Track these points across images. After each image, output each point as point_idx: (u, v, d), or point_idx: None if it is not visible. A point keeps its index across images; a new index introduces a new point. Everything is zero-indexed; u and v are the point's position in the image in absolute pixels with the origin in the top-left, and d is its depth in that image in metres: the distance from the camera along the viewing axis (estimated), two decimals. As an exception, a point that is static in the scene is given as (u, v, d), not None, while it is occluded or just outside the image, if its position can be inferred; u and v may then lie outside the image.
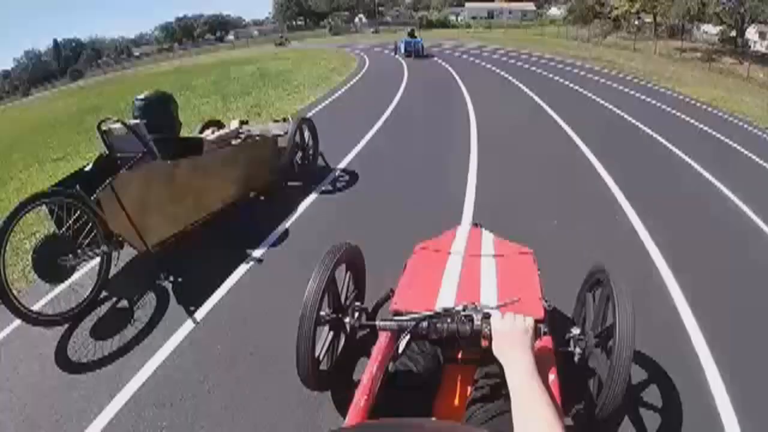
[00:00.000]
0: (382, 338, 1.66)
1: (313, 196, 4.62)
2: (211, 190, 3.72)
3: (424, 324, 1.36)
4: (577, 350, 1.91)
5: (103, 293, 3.06)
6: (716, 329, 2.74)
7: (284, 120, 5.35)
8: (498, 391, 1.37)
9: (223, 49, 55.66)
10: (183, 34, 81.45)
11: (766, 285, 3.26)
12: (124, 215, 2.93)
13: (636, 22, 34.68)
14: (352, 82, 12.94)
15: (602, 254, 2.94)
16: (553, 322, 2.15)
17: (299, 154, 4.98)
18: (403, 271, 2.11)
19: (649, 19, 34.57)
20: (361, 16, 73.57)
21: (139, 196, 3.02)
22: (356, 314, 2.08)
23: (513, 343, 1.10)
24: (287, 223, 4.01)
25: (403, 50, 22.98)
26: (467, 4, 60.77)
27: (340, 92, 11.27)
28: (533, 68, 16.43)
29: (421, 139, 6.79)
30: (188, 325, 2.74)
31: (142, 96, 3.25)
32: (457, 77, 13.60)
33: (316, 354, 2.04)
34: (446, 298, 1.84)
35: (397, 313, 1.71)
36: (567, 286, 2.42)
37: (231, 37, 77.89)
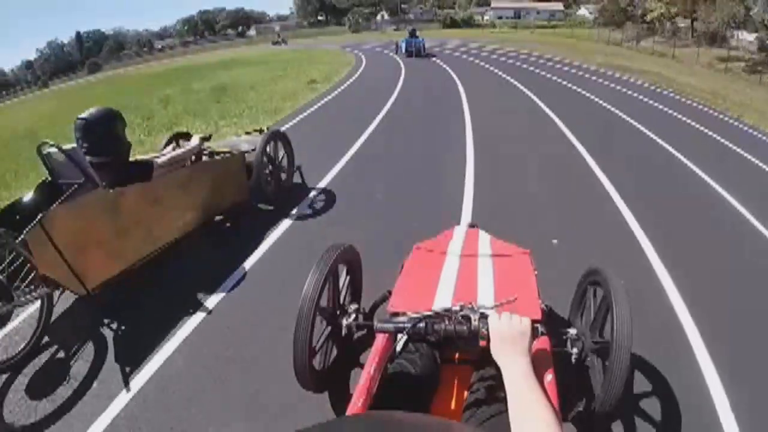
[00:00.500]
0: (380, 339, 1.66)
1: (285, 224, 4.18)
2: (165, 220, 3.33)
3: (422, 325, 1.37)
4: (575, 351, 1.95)
5: (45, 338, 2.70)
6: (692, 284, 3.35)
7: (260, 132, 4.92)
8: (495, 392, 1.38)
9: (241, 44, 56.45)
10: (205, 27, 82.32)
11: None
12: (58, 256, 2.57)
13: (669, 26, 33.37)
14: (325, 100, 10.57)
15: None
16: (551, 321, 2.20)
17: (272, 172, 4.54)
18: (400, 272, 2.12)
19: (683, 23, 33.26)
20: (383, 13, 73.27)
21: (75, 232, 2.66)
22: (353, 315, 2.10)
23: (510, 344, 1.10)
24: (252, 260, 3.57)
25: (404, 50, 22.89)
26: (493, 3, 59.76)
27: (295, 120, 8.61)
28: (575, 87, 12.89)
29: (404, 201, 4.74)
30: (122, 399, 2.33)
31: (84, 114, 2.86)
32: (463, 96, 10.79)
33: (314, 356, 2.06)
34: (443, 298, 1.84)
35: (394, 314, 1.71)
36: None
37: (252, 32, 78.41)
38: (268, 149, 4.37)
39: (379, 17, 72.25)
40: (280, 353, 2.29)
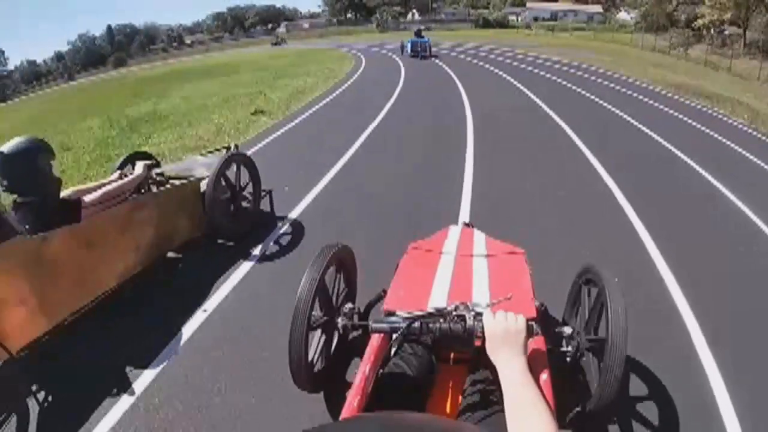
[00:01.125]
0: (375, 339, 1.69)
1: (245, 268, 3.55)
2: (101, 266, 2.93)
3: (417, 324, 1.38)
4: (570, 349, 1.98)
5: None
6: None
7: (227, 149, 4.41)
8: (491, 391, 1.42)
9: (264, 42, 56.94)
10: (234, 23, 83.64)
11: None
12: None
13: (717, 34, 31.56)
14: (259, 147, 7.20)
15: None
16: (546, 320, 2.18)
17: (232, 201, 4.02)
18: (395, 272, 2.15)
19: (730, 30, 31.57)
20: (414, 12, 72.86)
21: (-11, 289, 2.29)
22: (348, 315, 2.15)
23: (506, 343, 1.12)
24: (198, 319, 2.99)
25: (409, 50, 22.41)
26: (529, 4, 58.58)
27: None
28: (651, 131, 8.20)
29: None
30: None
31: (3, 147, 2.48)
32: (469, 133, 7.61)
33: (309, 356, 2.06)
34: (438, 298, 1.88)
35: (389, 314, 1.73)
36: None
37: (282, 29, 79.26)
38: (227, 174, 3.87)
39: (409, 16, 71.91)
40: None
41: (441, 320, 1.36)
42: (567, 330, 2.02)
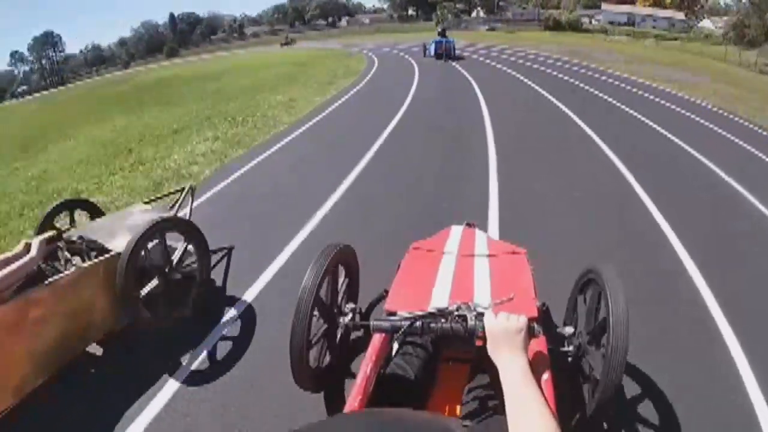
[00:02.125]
0: (377, 339, 1.76)
1: (171, 388, 2.65)
2: None
3: (418, 324, 1.44)
4: (571, 349, 2.07)
5: None
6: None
7: (181, 191, 3.73)
8: (492, 390, 1.49)
9: (318, 37, 57.95)
10: (295, 16, 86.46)
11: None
12: None
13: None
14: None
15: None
16: (548, 320, 2.30)
17: (163, 283, 3.03)
18: (397, 271, 2.24)
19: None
20: (478, 9, 73.52)
21: None
22: (350, 315, 2.24)
23: (507, 343, 1.16)
24: None
25: (433, 52, 22.17)
26: (604, 6, 58.17)
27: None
28: None
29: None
30: None
31: None
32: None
33: (311, 356, 2.13)
34: (440, 298, 1.95)
35: (391, 314, 1.79)
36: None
37: (344, 23, 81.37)
38: (151, 247, 2.98)
39: (474, 14, 72.55)
40: None
41: (442, 320, 1.41)
42: (568, 330, 2.10)
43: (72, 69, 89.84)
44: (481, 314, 1.35)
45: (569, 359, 2.09)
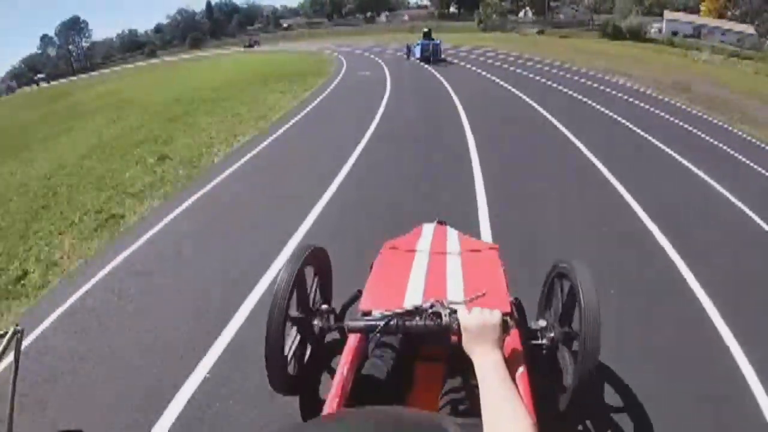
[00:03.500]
0: (352, 339, 1.79)
1: None
2: None
3: (393, 323, 1.43)
4: (545, 342, 2.14)
5: None
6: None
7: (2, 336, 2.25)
8: (469, 386, 1.49)
9: (342, 35, 56.33)
10: (332, 9, 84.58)
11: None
12: None
13: None
14: None
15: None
16: (521, 314, 2.28)
17: None
18: (370, 271, 2.22)
19: None
20: (527, 10, 70.35)
21: None
22: (324, 316, 2.26)
23: (481, 338, 1.17)
24: None
25: (417, 54, 20.70)
26: (667, 13, 54.26)
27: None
28: None
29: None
30: None
31: None
32: None
33: (286, 358, 2.14)
34: (414, 296, 1.94)
35: (365, 314, 1.78)
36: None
37: (383, 18, 79.35)
38: None
39: (521, 14, 69.55)
40: None
41: (417, 318, 1.42)
42: (542, 323, 2.17)
43: (107, 54, 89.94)
44: (455, 311, 1.38)
45: (544, 351, 2.15)
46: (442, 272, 2.16)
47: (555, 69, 19.78)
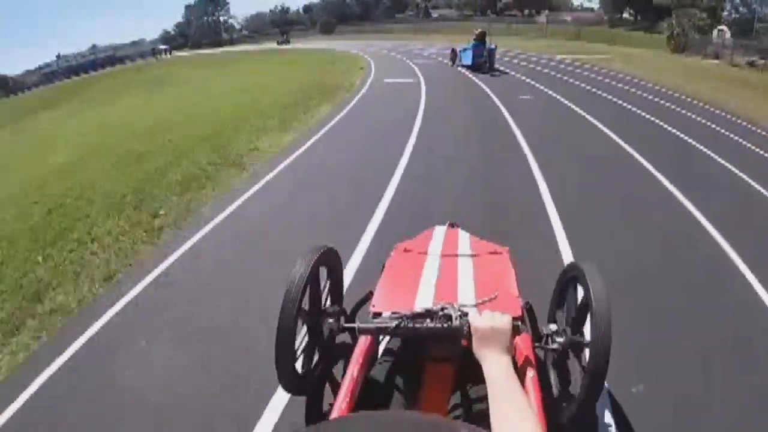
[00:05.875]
0: (362, 341, 1.83)
1: None
2: None
3: (404, 325, 1.48)
4: (556, 346, 2.09)
5: None
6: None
7: None
8: (478, 390, 1.51)
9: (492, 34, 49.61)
10: (487, 3, 79.32)
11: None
12: None
13: None
14: None
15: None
16: (532, 318, 2.23)
17: None
18: (381, 273, 2.34)
19: None
20: (722, 28, 59.45)
21: None
22: (335, 317, 2.26)
23: (491, 341, 1.21)
24: None
25: (466, 60, 17.43)
26: None
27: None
28: None
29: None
30: None
31: None
32: None
33: (296, 359, 2.20)
34: (424, 298, 2.03)
35: (376, 315, 1.87)
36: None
37: (543, 18, 72.89)
38: None
39: (714, 33, 59.06)
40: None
41: (427, 320, 1.49)
42: (552, 327, 2.12)
43: (256, 28, 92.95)
44: (466, 314, 1.40)
45: (554, 357, 2.17)
46: (453, 275, 2.23)
47: None
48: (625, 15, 70.25)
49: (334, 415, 1.44)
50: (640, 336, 3.86)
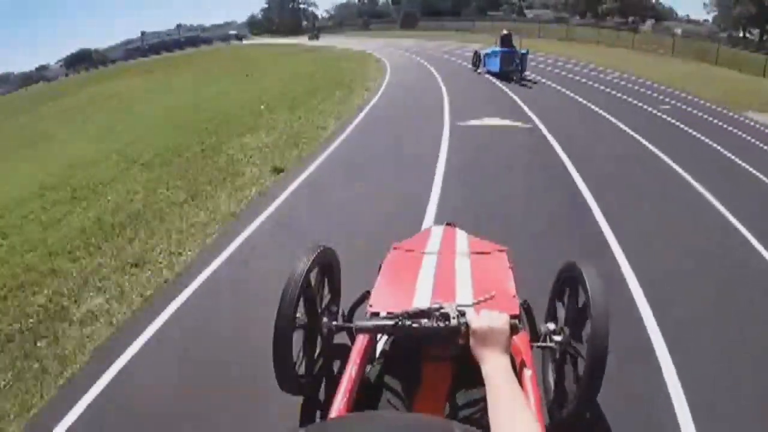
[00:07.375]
0: (360, 340, 1.86)
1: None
2: None
3: (401, 324, 1.45)
4: (554, 345, 2.23)
5: None
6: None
7: None
8: (476, 389, 1.51)
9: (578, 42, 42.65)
10: (586, 7, 75.05)
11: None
12: None
13: None
14: None
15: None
16: (530, 317, 2.30)
17: None
18: (378, 272, 2.32)
19: None
20: None
21: None
22: (333, 317, 2.43)
23: (489, 340, 1.19)
24: None
25: (492, 66, 15.13)
26: None
27: None
28: None
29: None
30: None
31: None
32: None
33: (294, 359, 2.22)
34: (422, 297, 2.02)
35: (374, 315, 1.88)
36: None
37: (648, 26, 67.89)
38: None
39: None
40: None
41: (425, 320, 1.46)
42: (550, 326, 2.29)
43: (342, 18, 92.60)
44: (464, 313, 1.37)
45: (551, 355, 2.20)
46: (450, 274, 2.21)
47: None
48: (748, 35, 63.78)
49: (332, 414, 1.47)
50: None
